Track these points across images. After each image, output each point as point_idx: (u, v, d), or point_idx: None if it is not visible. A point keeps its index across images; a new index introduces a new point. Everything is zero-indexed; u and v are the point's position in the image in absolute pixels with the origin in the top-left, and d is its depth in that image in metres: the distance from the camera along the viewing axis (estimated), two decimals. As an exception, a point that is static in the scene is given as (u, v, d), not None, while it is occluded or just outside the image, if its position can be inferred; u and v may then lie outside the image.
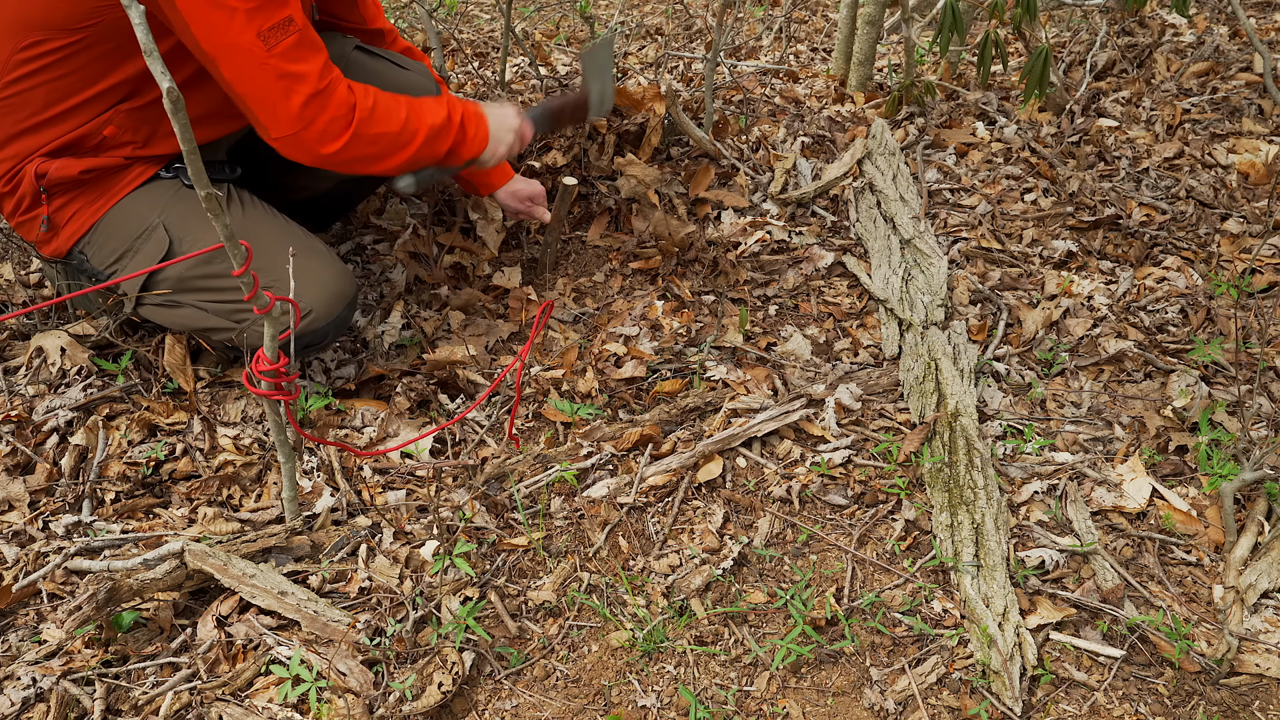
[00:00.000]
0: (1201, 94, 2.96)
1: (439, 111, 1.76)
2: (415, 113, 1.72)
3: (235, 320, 1.76)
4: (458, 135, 1.79)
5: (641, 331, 2.09)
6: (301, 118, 1.58)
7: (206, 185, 1.11)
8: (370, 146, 1.67)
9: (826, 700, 1.39)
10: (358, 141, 1.64)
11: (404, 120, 1.70)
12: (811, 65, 3.64)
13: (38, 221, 1.73)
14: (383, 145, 1.69)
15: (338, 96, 1.61)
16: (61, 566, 1.54)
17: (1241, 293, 2.08)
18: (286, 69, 1.54)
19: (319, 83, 1.58)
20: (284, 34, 1.53)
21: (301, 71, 1.56)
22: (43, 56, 1.59)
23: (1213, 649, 1.42)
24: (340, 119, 1.62)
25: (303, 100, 1.57)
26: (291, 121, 1.58)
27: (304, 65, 1.56)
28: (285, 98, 1.56)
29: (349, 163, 1.69)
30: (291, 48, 1.54)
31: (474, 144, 1.83)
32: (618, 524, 1.64)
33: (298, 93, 1.56)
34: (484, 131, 1.84)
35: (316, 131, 1.60)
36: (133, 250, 1.74)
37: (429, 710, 1.33)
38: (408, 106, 1.72)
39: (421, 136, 1.72)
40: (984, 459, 1.70)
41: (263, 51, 1.51)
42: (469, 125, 1.81)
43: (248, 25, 1.49)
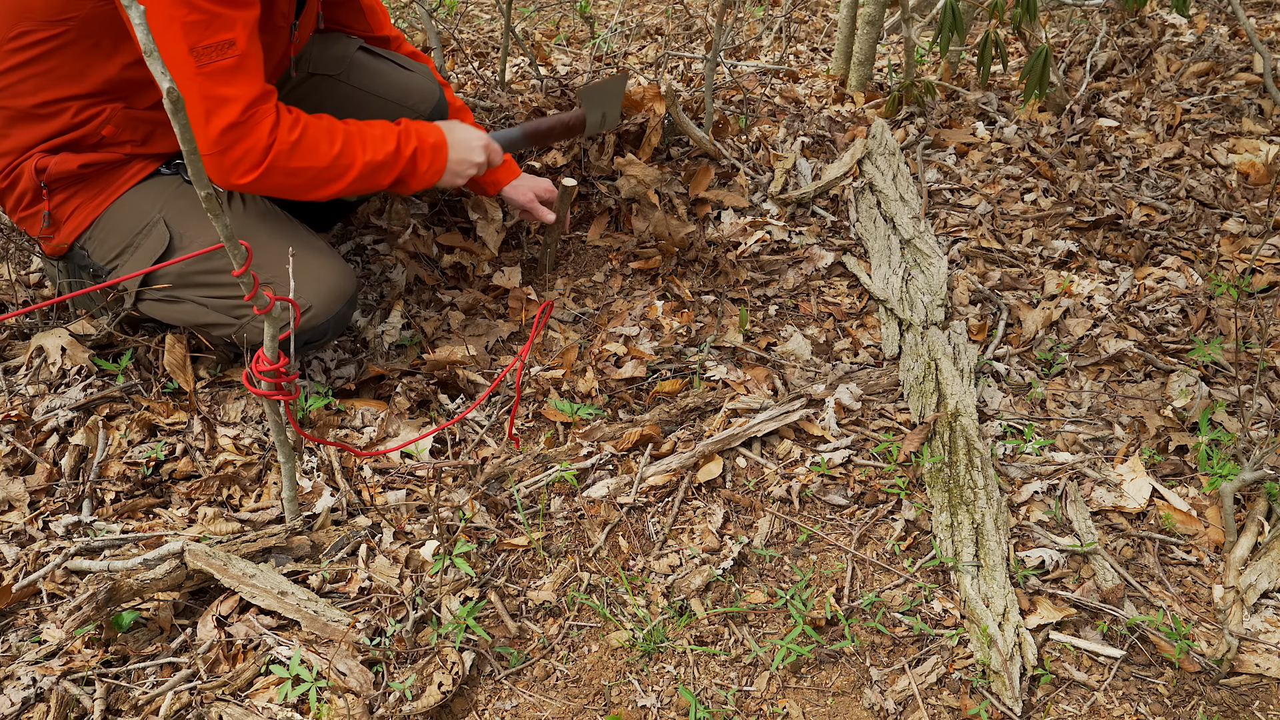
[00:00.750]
0: (1201, 94, 2.96)
1: (385, 145, 1.74)
2: (352, 147, 1.70)
3: (235, 316, 1.76)
4: (405, 168, 1.78)
5: (641, 331, 2.09)
6: (218, 143, 1.56)
7: (206, 186, 1.11)
8: (290, 179, 1.65)
9: (826, 700, 1.39)
10: (273, 174, 1.62)
11: (334, 156, 1.67)
12: (811, 65, 3.65)
13: (39, 217, 1.74)
14: (305, 179, 1.67)
15: (258, 131, 1.58)
16: (61, 566, 1.54)
17: (1241, 293, 2.08)
18: (212, 91, 1.52)
19: (241, 114, 1.55)
20: (219, 55, 1.51)
21: (227, 96, 1.53)
22: (31, 47, 1.60)
23: (1213, 649, 1.42)
24: (255, 152, 1.59)
25: (221, 127, 1.55)
26: (207, 144, 1.56)
27: (231, 90, 1.54)
28: (205, 119, 1.54)
29: (269, 192, 1.68)
30: (223, 71, 1.52)
31: (425, 176, 1.81)
32: (618, 524, 1.64)
33: (218, 117, 1.54)
34: (439, 164, 1.82)
35: (230, 161, 1.59)
36: (133, 245, 1.74)
37: (429, 710, 1.33)
38: (344, 141, 1.69)
39: (355, 172, 1.71)
40: (984, 459, 1.70)
41: (192, 66, 1.50)
42: (420, 159, 1.79)
43: (183, 37, 1.48)
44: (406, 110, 2.08)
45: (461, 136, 1.87)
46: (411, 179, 1.81)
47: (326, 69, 2.04)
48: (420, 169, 1.80)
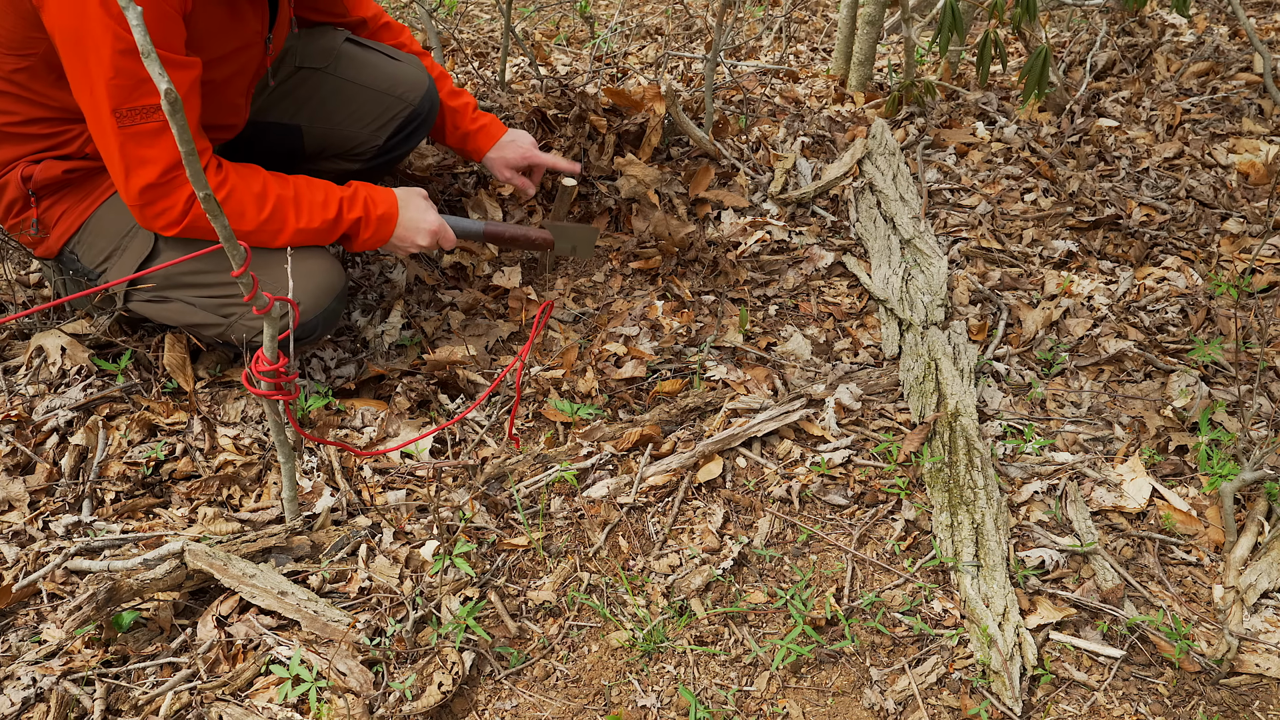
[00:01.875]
0: (1201, 94, 2.96)
1: (324, 212, 1.73)
2: (284, 213, 1.68)
3: (223, 315, 1.76)
4: (346, 233, 1.78)
5: (641, 331, 2.09)
6: (138, 199, 1.57)
7: (205, 186, 1.11)
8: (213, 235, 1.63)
9: (826, 700, 1.39)
10: (195, 231, 1.63)
11: (262, 221, 1.66)
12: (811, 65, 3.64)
13: (28, 224, 1.74)
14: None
15: (176, 194, 1.59)
16: (61, 566, 1.54)
17: (1241, 293, 2.08)
18: (132, 151, 1.53)
19: (160, 176, 1.55)
20: (143, 119, 1.51)
21: (146, 158, 1.54)
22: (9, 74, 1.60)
23: (1213, 649, 1.42)
24: (173, 212, 1.60)
25: (140, 186, 1.55)
26: (129, 197, 1.58)
27: (152, 154, 1.53)
28: (126, 175, 1.55)
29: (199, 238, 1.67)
30: (146, 134, 1.52)
31: (366, 243, 1.82)
32: (618, 524, 1.64)
33: (136, 176, 1.54)
34: (383, 234, 1.81)
35: (149, 215, 1.60)
36: (121, 248, 1.74)
37: (429, 710, 1.33)
38: (275, 206, 1.67)
39: (284, 238, 1.70)
40: (984, 459, 1.70)
41: (114, 125, 1.50)
42: (363, 228, 1.78)
43: (106, 97, 1.48)
44: (395, 100, 2.07)
45: (412, 216, 1.85)
46: (352, 243, 1.81)
47: (313, 62, 2.04)
48: (361, 236, 1.80)
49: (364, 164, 2.17)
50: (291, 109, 2.04)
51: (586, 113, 2.56)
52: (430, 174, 2.58)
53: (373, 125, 2.09)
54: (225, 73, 1.70)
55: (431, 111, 2.15)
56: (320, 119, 2.07)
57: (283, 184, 1.70)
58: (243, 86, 1.81)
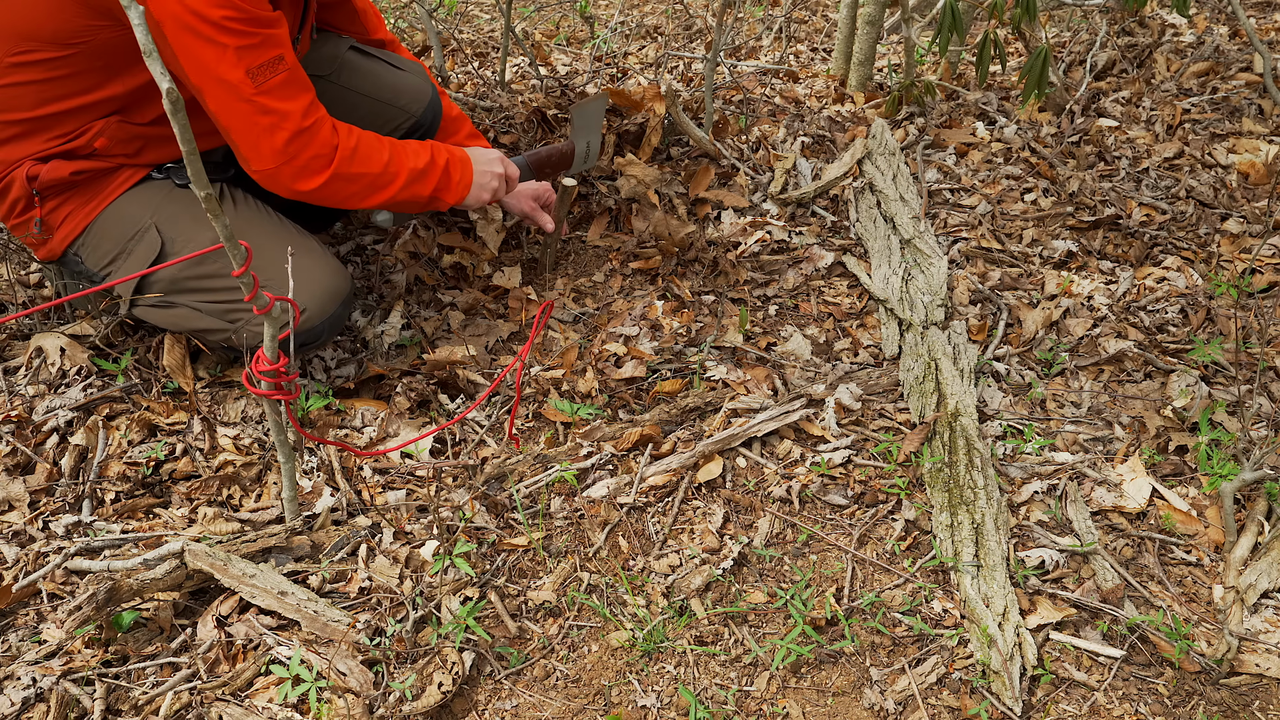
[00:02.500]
0: (1201, 94, 2.96)
1: (421, 155, 1.79)
2: (398, 155, 1.75)
3: (229, 320, 1.76)
4: (440, 179, 1.82)
5: (641, 331, 2.09)
6: (284, 153, 1.60)
7: (206, 186, 1.11)
8: (349, 185, 1.70)
9: (826, 700, 1.39)
10: (337, 180, 1.67)
11: (385, 162, 1.73)
12: (811, 65, 3.64)
13: (31, 224, 1.74)
14: (362, 185, 1.72)
15: (322, 135, 1.64)
16: (61, 566, 1.54)
17: (1241, 293, 2.08)
18: (272, 106, 1.57)
19: (303, 120, 1.61)
20: (273, 72, 1.56)
21: (287, 109, 1.59)
22: (33, 65, 1.60)
23: (1213, 649, 1.42)
24: (322, 157, 1.64)
25: (287, 137, 1.59)
26: (274, 156, 1.61)
27: (290, 104, 1.59)
28: (269, 134, 1.58)
29: (326, 199, 1.71)
30: (279, 85, 1.57)
31: (458, 189, 1.85)
32: (618, 524, 1.64)
33: (282, 129, 1.59)
34: (468, 177, 1.87)
35: (297, 168, 1.63)
36: (126, 252, 1.74)
37: (429, 710, 1.33)
38: (390, 149, 1.74)
39: (402, 179, 1.76)
40: (984, 459, 1.70)
41: (251, 88, 1.54)
42: (453, 170, 1.84)
43: (238, 62, 1.52)
44: (398, 110, 2.08)
45: (480, 153, 1.93)
46: (447, 191, 1.84)
47: (317, 69, 2.04)
48: (454, 179, 1.84)
49: None
50: None
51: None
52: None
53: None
54: None
55: (435, 122, 2.15)
56: None
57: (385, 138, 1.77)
58: None
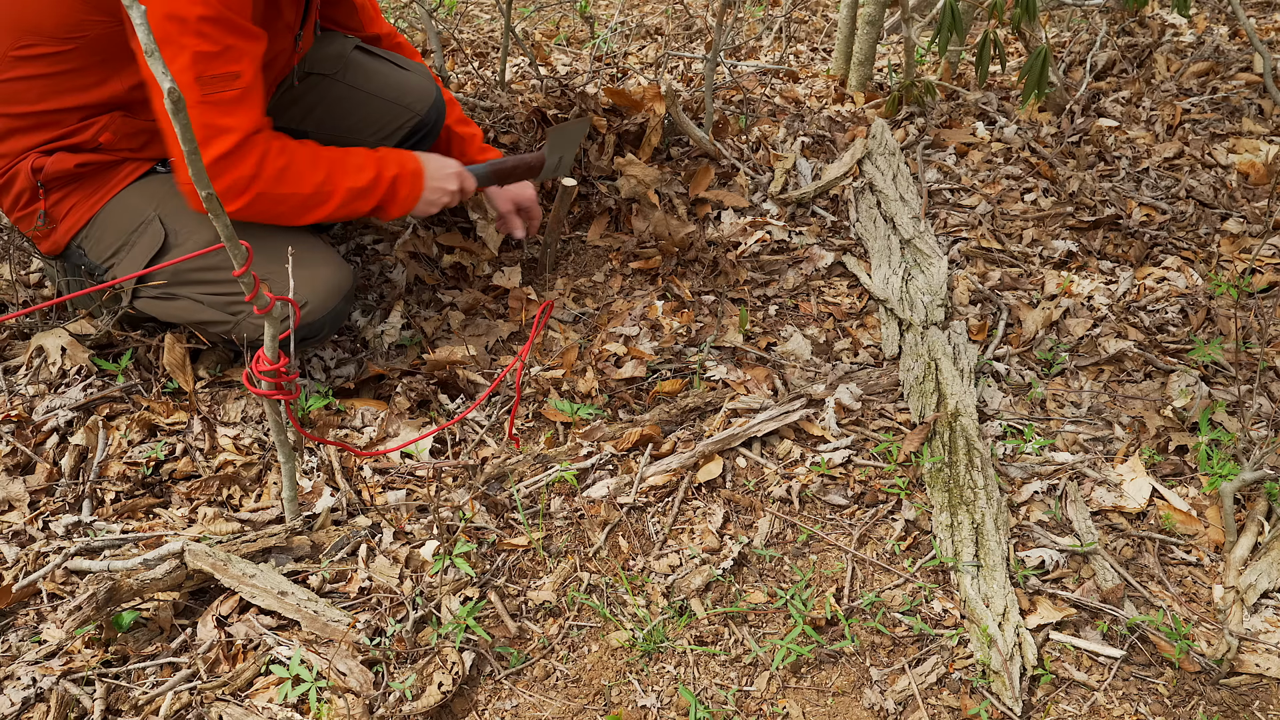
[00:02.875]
0: (1201, 94, 2.96)
1: (365, 172, 1.76)
2: (335, 175, 1.73)
3: (231, 313, 1.77)
4: (385, 195, 1.80)
5: (641, 331, 2.09)
6: (212, 170, 1.58)
7: (207, 185, 1.11)
8: (275, 206, 1.68)
9: (826, 700, 1.39)
10: (260, 201, 1.65)
11: (319, 183, 1.70)
12: (811, 65, 3.64)
13: (35, 216, 1.74)
14: (290, 205, 1.70)
15: (247, 161, 1.61)
16: (61, 566, 1.54)
17: (1241, 293, 2.08)
18: (211, 120, 1.54)
19: (236, 145, 1.58)
20: (224, 86, 1.53)
21: (225, 126, 1.56)
22: (36, 60, 1.60)
23: (1213, 649, 1.42)
24: (241, 181, 1.61)
25: (215, 155, 1.57)
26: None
27: (230, 121, 1.56)
28: (203, 145, 1.55)
29: (251, 219, 1.68)
30: (226, 102, 1.55)
31: (404, 203, 1.84)
32: (618, 524, 1.64)
33: (213, 146, 1.56)
34: (417, 191, 1.85)
35: (219, 189, 1.60)
36: (129, 244, 1.74)
37: (429, 710, 1.33)
38: (328, 168, 1.72)
39: (337, 199, 1.74)
40: (984, 459, 1.70)
41: (197, 94, 1.52)
42: (400, 187, 1.81)
43: (190, 65, 1.50)
44: (403, 109, 2.08)
45: (437, 166, 1.90)
46: (391, 205, 1.83)
47: (322, 68, 2.04)
48: (400, 195, 1.82)
49: None
50: (299, 114, 2.04)
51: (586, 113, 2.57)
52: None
53: (380, 133, 2.09)
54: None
55: (439, 121, 2.15)
56: (327, 125, 2.07)
57: (329, 149, 1.74)
58: (269, 82, 1.82)
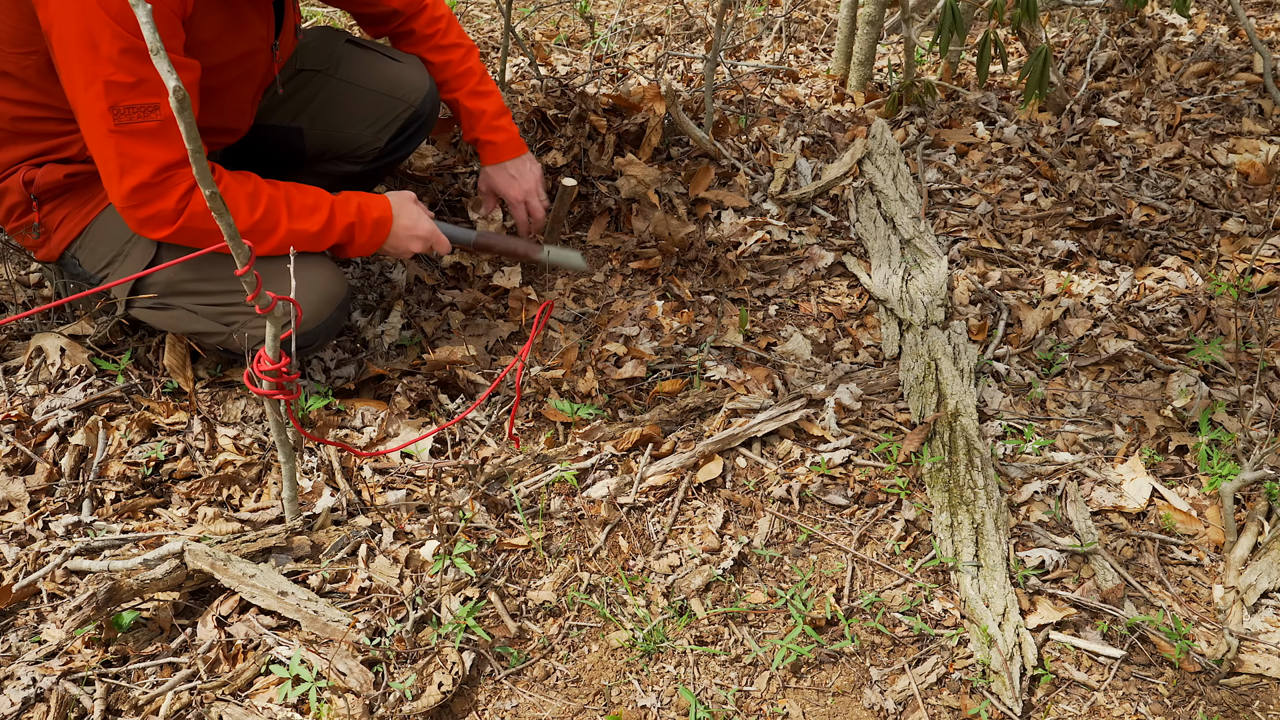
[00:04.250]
0: (1201, 94, 2.96)
1: (315, 216, 1.69)
2: (276, 213, 1.65)
3: (225, 323, 1.76)
4: (340, 238, 1.74)
5: (641, 331, 2.09)
6: (129, 199, 1.54)
7: (210, 185, 1.11)
8: (204, 239, 1.60)
9: (826, 700, 1.39)
10: (187, 233, 1.59)
11: (255, 221, 1.63)
12: (811, 65, 3.64)
13: (29, 227, 1.74)
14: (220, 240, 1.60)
15: (170, 195, 1.55)
16: (61, 566, 1.54)
17: (1241, 293, 2.08)
18: (126, 149, 1.50)
19: (153, 175, 1.52)
20: (140, 118, 1.48)
21: (140, 157, 1.51)
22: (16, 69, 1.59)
23: (1213, 649, 1.42)
24: (165, 214, 1.56)
25: (131, 186, 1.52)
26: (120, 198, 1.54)
27: (146, 152, 1.51)
28: (118, 175, 1.52)
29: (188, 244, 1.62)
30: (142, 133, 1.49)
31: (362, 248, 1.79)
32: (618, 524, 1.64)
33: (130, 175, 1.51)
34: (379, 238, 1.79)
35: (140, 217, 1.56)
36: (123, 254, 1.74)
37: (429, 710, 1.33)
38: (268, 206, 1.64)
39: (277, 238, 1.66)
40: (984, 459, 1.70)
41: (109, 123, 1.47)
42: (358, 232, 1.75)
43: (104, 94, 1.45)
44: (396, 101, 2.07)
45: (406, 223, 1.82)
46: (349, 248, 1.78)
47: (314, 64, 2.03)
48: (358, 241, 1.77)
49: (365, 166, 2.16)
50: (293, 111, 2.03)
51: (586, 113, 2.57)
52: (430, 174, 2.58)
53: (374, 127, 2.09)
54: (229, 78, 1.69)
55: (433, 113, 2.14)
56: (321, 121, 2.06)
57: (274, 186, 1.67)
58: (249, 93, 1.80)
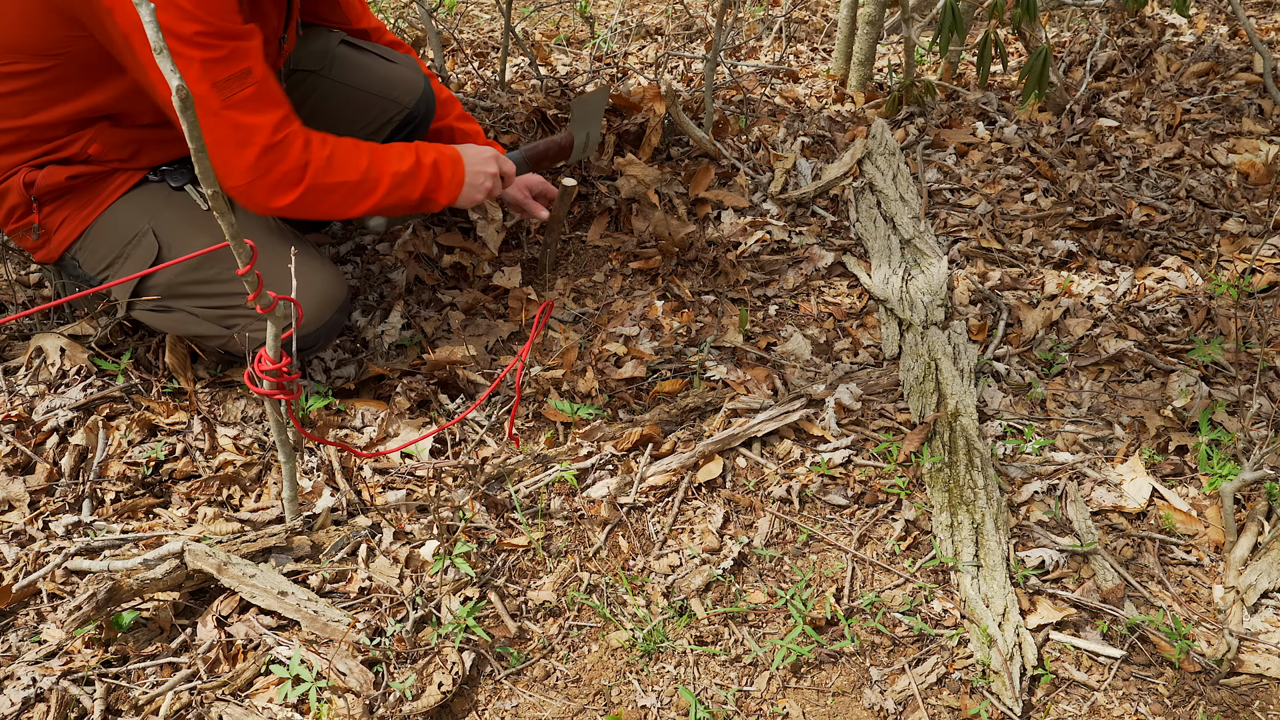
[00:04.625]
0: (1201, 94, 2.96)
1: (406, 158, 1.74)
2: (378, 161, 1.71)
3: (225, 326, 1.76)
4: (430, 180, 1.77)
5: (641, 331, 2.09)
6: (255, 169, 1.57)
7: (213, 184, 1.11)
8: (328, 196, 1.66)
9: (826, 700, 1.39)
10: (313, 193, 1.63)
11: (364, 169, 1.68)
12: (811, 65, 3.64)
13: (29, 229, 1.74)
14: (341, 194, 1.68)
15: (293, 150, 1.60)
16: (61, 566, 1.54)
17: (1241, 293, 2.08)
18: (240, 120, 1.54)
19: (273, 135, 1.56)
20: (241, 86, 1.53)
21: (255, 124, 1.55)
22: (19, 76, 1.59)
23: (1213, 649, 1.42)
24: (294, 171, 1.60)
25: (257, 152, 1.56)
26: (245, 171, 1.57)
27: (259, 118, 1.55)
28: (239, 149, 1.55)
29: (306, 213, 1.67)
30: (247, 100, 1.54)
31: (450, 188, 1.81)
32: (618, 524, 1.64)
33: (253, 144, 1.55)
34: (460, 175, 1.82)
35: (269, 184, 1.59)
36: (123, 256, 1.74)
37: (429, 710, 1.33)
38: (370, 155, 1.70)
39: (385, 184, 1.71)
40: (984, 459, 1.70)
41: (217, 102, 1.51)
42: (443, 169, 1.79)
43: (203, 75, 1.49)
44: (390, 102, 2.07)
45: (473, 151, 1.88)
46: (438, 191, 1.80)
47: (308, 65, 2.03)
48: (444, 178, 1.80)
49: None
50: None
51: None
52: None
53: (369, 128, 2.09)
54: None
55: (428, 113, 2.14)
56: (315, 122, 2.05)
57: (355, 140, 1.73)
58: None
